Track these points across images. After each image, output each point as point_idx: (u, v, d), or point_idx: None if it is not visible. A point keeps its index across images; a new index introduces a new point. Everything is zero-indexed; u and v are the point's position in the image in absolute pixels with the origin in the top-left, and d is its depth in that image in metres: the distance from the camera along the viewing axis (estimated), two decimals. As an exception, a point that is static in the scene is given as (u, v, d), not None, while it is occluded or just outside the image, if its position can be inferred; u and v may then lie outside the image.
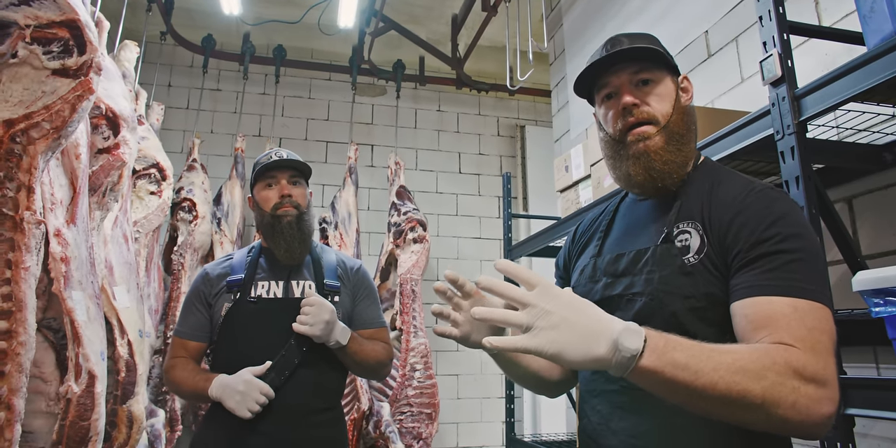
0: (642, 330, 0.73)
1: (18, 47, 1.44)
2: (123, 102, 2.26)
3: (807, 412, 0.73)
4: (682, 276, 0.92)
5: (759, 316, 0.82)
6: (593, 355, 0.72)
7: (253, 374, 1.55)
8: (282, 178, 1.75)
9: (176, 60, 4.10)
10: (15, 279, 1.41)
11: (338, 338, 1.60)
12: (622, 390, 0.95)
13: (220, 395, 1.55)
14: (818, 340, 0.78)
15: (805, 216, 0.95)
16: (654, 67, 1.03)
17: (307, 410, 1.63)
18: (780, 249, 0.85)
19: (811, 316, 0.81)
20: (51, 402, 1.68)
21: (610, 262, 1.04)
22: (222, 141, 4.01)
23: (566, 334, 0.72)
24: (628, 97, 1.02)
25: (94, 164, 2.13)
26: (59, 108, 1.50)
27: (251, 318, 1.66)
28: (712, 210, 0.95)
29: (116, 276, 2.47)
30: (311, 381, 1.64)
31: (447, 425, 3.88)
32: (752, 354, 0.75)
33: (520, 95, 4.45)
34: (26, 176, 1.47)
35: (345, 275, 1.80)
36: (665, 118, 1.01)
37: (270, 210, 1.73)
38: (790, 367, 0.74)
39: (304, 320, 1.57)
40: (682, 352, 0.73)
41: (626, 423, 0.95)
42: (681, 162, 1.02)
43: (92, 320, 1.81)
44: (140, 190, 2.85)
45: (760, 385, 0.72)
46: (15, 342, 1.39)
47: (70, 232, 1.75)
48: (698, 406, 0.75)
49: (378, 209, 4.16)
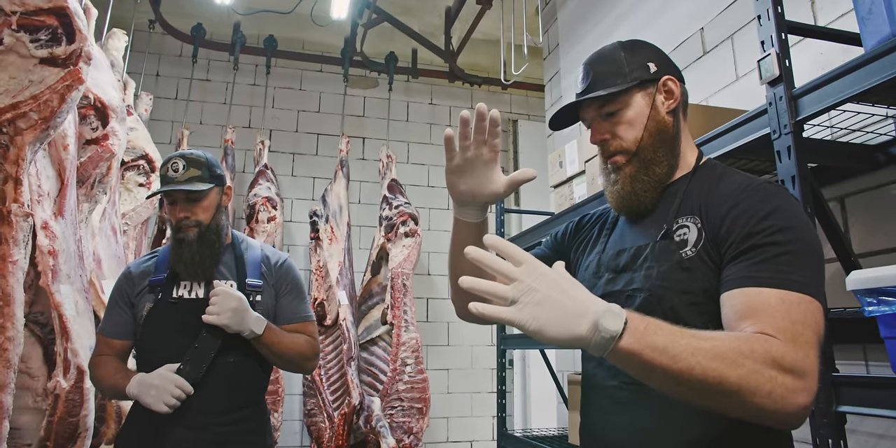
0: (623, 312, 0.74)
1: (4, 34, 1.41)
2: (112, 92, 2.23)
3: (782, 402, 0.74)
4: (679, 272, 0.93)
5: (746, 306, 0.83)
6: (574, 334, 0.73)
7: (171, 371, 1.55)
8: (178, 196, 1.68)
9: (165, 49, 4.04)
10: (2, 273, 1.39)
11: (251, 327, 1.59)
12: (623, 386, 0.96)
13: (138, 392, 1.54)
14: (801, 333, 0.79)
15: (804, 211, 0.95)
16: (618, 96, 1.05)
17: (228, 406, 1.63)
18: (772, 242, 0.86)
19: (797, 308, 0.81)
20: (38, 398, 1.67)
21: (612, 257, 1.06)
22: (212, 132, 3.97)
23: (549, 312, 0.73)
24: (595, 136, 1.08)
25: (83, 155, 2.10)
26: (48, 98, 1.47)
27: (172, 318, 1.65)
28: (710, 204, 0.96)
29: (105, 269, 2.44)
30: (230, 376, 1.64)
31: (438, 420, 3.88)
32: (732, 342, 0.76)
33: (512, 89, 4.44)
34: (13, 167, 1.45)
35: (268, 271, 1.79)
36: (635, 144, 1.04)
37: (174, 229, 1.69)
38: (769, 356, 0.75)
39: (211, 310, 1.57)
40: (662, 336, 0.74)
41: (626, 419, 0.96)
42: (659, 178, 1.05)
43: (80, 314, 1.79)
44: (128, 181, 2.81)
45: (737, 372, 0.73)
46: (2, 337, 1.37)
47: (58, 224, 1.72)
48: (676, 391, 0.76)
49: (369, 202, 4.15)
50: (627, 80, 1.04)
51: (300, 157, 4.18)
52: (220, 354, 1.61)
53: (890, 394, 1.03)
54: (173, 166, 1.67)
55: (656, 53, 1.10)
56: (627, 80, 1.04)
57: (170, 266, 1.69)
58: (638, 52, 1.08)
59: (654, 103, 1.05)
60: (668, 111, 1.06)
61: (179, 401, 1.52)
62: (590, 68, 1.09)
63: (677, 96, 1.07)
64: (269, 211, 3.50)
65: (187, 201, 1.67)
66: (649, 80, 1.06)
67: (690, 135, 1.12)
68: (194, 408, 1.56)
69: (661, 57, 1.09)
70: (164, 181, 1.67)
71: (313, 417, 3.30)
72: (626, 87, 1.04)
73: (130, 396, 1.57)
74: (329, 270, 3.47)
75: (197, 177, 1.67)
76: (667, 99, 1.06)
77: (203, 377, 1.58)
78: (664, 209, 1.03)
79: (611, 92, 1.03)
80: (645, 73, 1.05)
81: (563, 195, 2.33)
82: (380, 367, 3.44)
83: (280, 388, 3.24)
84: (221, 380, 1.61)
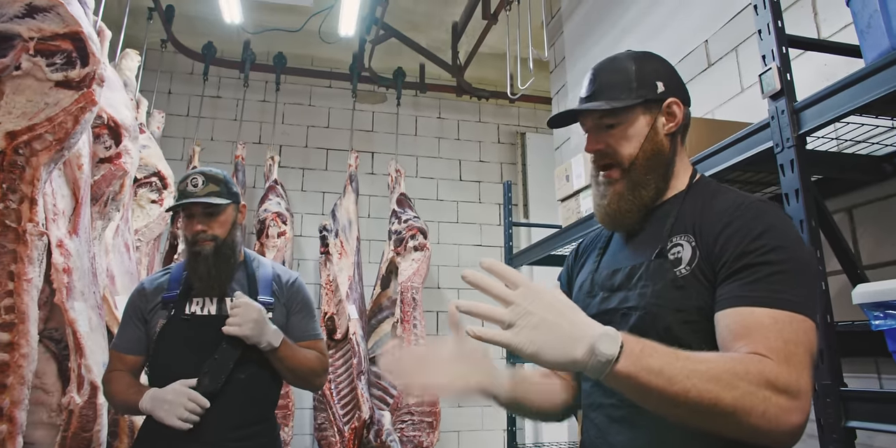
0: (619, 336, 0.75)
1: (22, 59, 1.45)
2: (125, 112, 2.27)
3: (776, 421, 0.75)
4: (674, 290, 0.94)
5: (739, 326, 0.84)
6: (570, 357, 0.74)
7: (185, 386, 1.56)
8: (196, 210, 1.72)
9: (176, 68, 4.11)
10: (17, 291, 1.42)
11: (269, 339, 1.62)
12: (620, 404, 0.96)
13: (151, 407, 1.55)
14: (794, 352, 0.80)
15: (797, 229, 0.96)
16: (620, 111, 1.05)
17: (241, 422, 1.64)
18: (765, 261, 0.87)
19: (790, 328, 0.82)
20: (52, 413, 1.69)
21: (606, 277, 1.06)
22: (222, 148, 4.02)
23: (545, 335, 0.74)
24: (591, 145, 1.08)
25: (96, 173, 2.14)
26: (62, 120, 1.50)
27: (185, 334, 1.67)
28: (704, 222, 0.97)
29: (118, 285, 2.47)
30: (244, 390, 1.65)
31: (448, 433, 3.87)
32: (726, 364, 0.77)
33: (520, 102, 4.46)
34: (29, 187, 1.48)
35: (279, 289, 1.81)
36: (628, 160, 1.04)
37: (189, 242, 1.73)
38: (763, 377, 0.76)
39: (232, 321, 1.59)
40: (658, 358, 0.75)
41: (622, 438, 0.96)
42: (644, 201, 1.05)
43: (94, 330, 1.81)
44: (141, 198, 2.86)
45: (732, 394, 0.74)
46: (17, 354, 1.39)
47: (72, 242, 1.75)
48: (672, 413, 0.77)
49: (379, 217, 4.17)
50: (633, 97, 1.04)
51: (310, 172, 4.21)
52: (236, 368, 1.62)
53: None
54: (192, 181, 1.71)
55: (666, 71, 1.09)
56: (633, 96, 1.04)
57: (182, 283, 1.72)
58: (648, 68, 1.08)
59: (654, 124, 1.05)
60: (667, 133, 1.06)
61: (194, 414, 1.53)
62: (597, 75, 1.09)
63: (679, 120, 1.06)
64: (280, 226, 3.53)
65: (205, 215, 1.71)
66: (654, 100, 1.05)
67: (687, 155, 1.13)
68: (208, 423, 1.57)
69: (670, 75, 1.09)
70: (182, 196, 1.70)
71: (324, 432, 3.30)
72: (630, 105, 1.04)
73: (143, 411, 1.59)
74: (339, 285, 3.48)
75: (215, 192, 1.72)
76: (668, 121, 1.06)
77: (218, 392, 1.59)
78: (658, 228, 1.03)
79: (614, 106, 1.04)
80: (651, 92, 1.05)
81: (570, 209, 2.34)
82: (390, 381, 3.44)
83: (290, 402, 3.25)
84: (236, 394, 1.63)
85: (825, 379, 1.13)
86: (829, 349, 1.13)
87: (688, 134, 1.12)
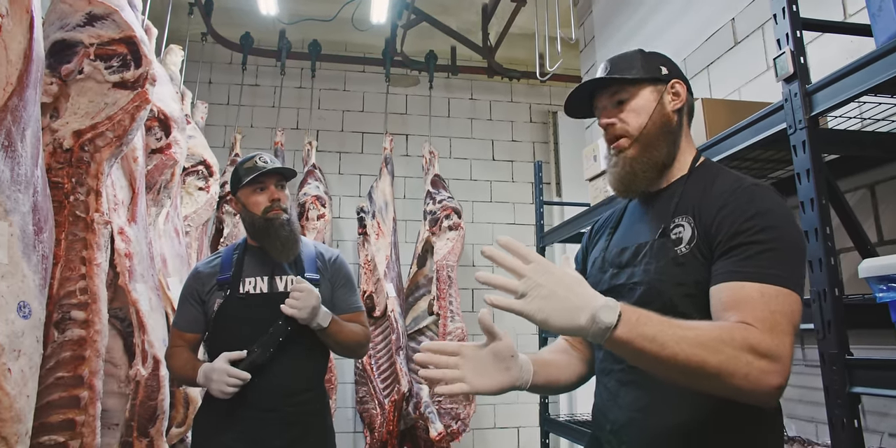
0: (618, 306, 0.85)
1: (84, 64, 1.59)
2: (173, 105, 2.41)
3: (757, 382, 0.84)
4: (674, 267, 1.03)
5: (730, 298, 0.93)
6: (575, 324, 0.84)
7: (229, 359, 1.71)
8: (270, 183, 1.87)
9: (216, 58, 4.25)
10: (89, 274, 1.57)
11: (320, 321, 1.76)
12: (628, 369, 1.06)
13: (204, 381, 1.72)
14: (777, 322, 0.88)
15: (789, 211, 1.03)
16: (631, 85, 1.15)
17: (294, 390, 1.80)
18: (756, 240, 0.95)
19: (776, 300, 0.90)
20: (122, 384, 1.86)
21: (616, 254, 1.16)
22: (262, 135, 4.17)
23: (553, 304, 0.84)
24: (603, 119, 1.18)
25: (148, 163, 2.29)
26: (121, 118, 1.64)
27: (240, 312, 1.82)
28: (703, 205, 1.05)
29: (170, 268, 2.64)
30: (294, 363, 1.81)
31: (484, 407, 4.01)
32: (713, 331, 0.86)
33: (551, 82, 4.47)
34: (94, 181, 1.63)
35: (323, 266, 1.95)
36: (638, 130, 1.14)
37: (261, 213, 1.86)
38: (746, 343, 0.85)
39: (293, 304, 1.72)
40: (652, 326, 0.84)
41: (629, 398, 1.06)
42: (657, 161, 1.14)
43: (154, 310, 1.98)
44: (189, 186, 3.02)
45: (717, 358, 0.83)
46: (92, 330, 1.55)
47: (132, 230, 1.91)
48: (664, 374, 0.87)
49: (414, 197, 4.28)
50: (641, 73, 1.15)
51: (346, 155, 4.34)
52: (288, 343, 1.77)
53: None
54: (261, 159, 1.88)
55: (669, 62, 1.21)
56: (641, 73, 1.15)
57: (234, 265, 1.86)
58: (654, 57, 1.20)
59: (661, 99, 1.15)
60: (674, 109, 1.16)
61: (237, 387, 1.68)
62: (609, 63, 1.21)
63: (683, 98, 1.17)
64: (319, 209, 3.67)
65: (278, 187, 1.88)
66: (660, 80, 1.16)
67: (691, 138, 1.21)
68: (264, 391, 1.73)
69: (673, 65, 1.20)
70: (254, 170, 1.85)
71: (365, 404, 3.47)
72: (639, 78, 1.15)
73: (199, 385, 1.75)
74: (377, 264, 3.62)
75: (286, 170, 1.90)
76: (673, 98, 1.16)
77: (272, 363, 1.74)
78: (663, 209, 1.12)
79: (624, 77, 1.14)
80: (657, 72, 1.16)
81: (598, 188, 2.40)
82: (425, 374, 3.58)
83: (333, 376, 3.41)
84: (288, 365, 1.79)
85: (832, 348, 1.19)
86: (837, 320, 1.20)
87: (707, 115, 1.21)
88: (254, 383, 1.70)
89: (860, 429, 1.16)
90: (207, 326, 1.86)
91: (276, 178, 1.89)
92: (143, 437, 1.82)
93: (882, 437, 1.59)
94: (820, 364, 1.22)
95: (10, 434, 1.11)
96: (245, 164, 1.88)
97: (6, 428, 1.10)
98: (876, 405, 1.67)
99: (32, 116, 1.30)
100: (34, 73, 1.28)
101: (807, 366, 1.91)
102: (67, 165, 1.62)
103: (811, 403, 1.89)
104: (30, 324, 1.22)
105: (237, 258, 1.90)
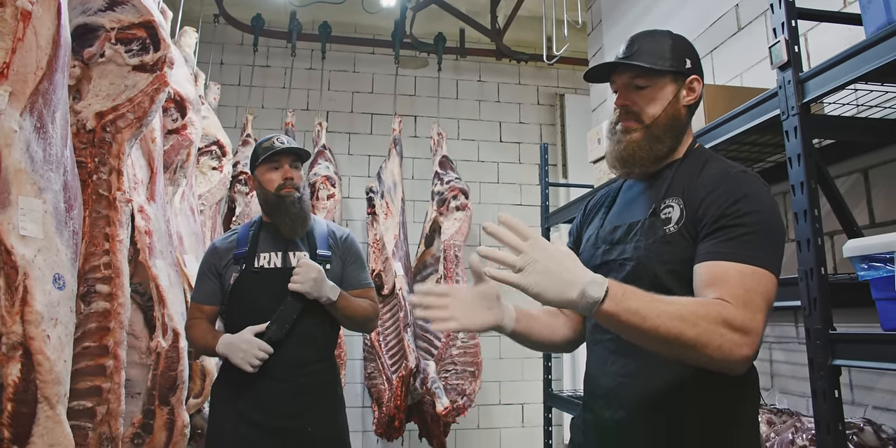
0: (606, 282, 0.92)
1: (105, 47, 1.65)
2: (188, 86, 2.48)
3: (729, 353, 0.93)
4: (662, 245, 1.10)
5: (711, 276, 1.01)
6: (565, 298, 0.91)
7: (254, 332, 1.81)
8: (284, 162, 1.97)
9: (228, 39, 4.30)
10: (112, 250, 1.66)
11: (328, 294, 1.85)
12: (615, 338, 1.14)
13: (226, 351, 1.82)
14: (752, 299, 0.96)
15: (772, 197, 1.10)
16: (653, 74, 1.19)
17: (305, 361, 1.91)
18: (738, 223, 1.03)
19: (752, 279, 0.98)
20: (143, 355, 1.96)
21: (609, 232, 1.23)
22: (273, 115, 4.23)
23: (547, 279, 0.91)
24: (620, 100, 1.22)
25: (165, 144, 2.36)
26: (140, 100, 1.71)
27: (255, 285, 1.92)
28: (692, 188, 1.12)
29: (186, 245, 2.73)
30: (306, 336, 1.90)
31: (490, 383, 4.11)
32: (691, 306, 0.94)
33: (559, 65, 4.50)
34: (116, 160, 1.70)
35: (335, 244, 2.05)
36: (650, 119, 1.19)
37: (274, 190, 1.95)
38: (721, 317, 0.93)
39: (295, 280, 1.83)
40: (636, 301, 0.92)
41: (616, 366, 1.15)
42: (659, 153, 1.19)
43: (172, 285, 2.07)
44: (203, 166, 3.09)
45: (694, 330, 0.91)
46: (116, 303, 1.64)
47: (151, 208, 1.99)
48: (646, 344, 0.95)
49: (422, 178, 4.34)
50: (667, 65, 1.19)
51: (356, 136, 4.39)
52: (299, 318, 1.87)
53: (879, 348, 1.16)
54: (278, 139, 1.98)
55: (694, 52, 1.24)
56: (667, 65, 1.19)
57: (249, 240, 1.95)
58: (682, 45, 1.23)
59: (678, 94, 1.20)
60: (686, 104, 1.21)
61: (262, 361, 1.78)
62: (635, 41, 1.23)
63: (697, 95, 1.22)
64: (329, 189, 3.74)
65: (293, 167, 1.97)
66: (682, 74, 1.20)
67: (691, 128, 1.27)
68: (278, 362, 1.83)
69: (696, 57, 1.24)
70: (270, 149, 1.93)
71: (373, 380, 3.57)
72: (664, 70, 1.18)
73: (219, 354, 1.85)
74: (385, 243, 3.69)
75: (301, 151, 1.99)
76: (688, 94, 1.21)
77: (286, 336, 1.83)
78: (655, 190, 1.19)
79: (652, 67, 1.18)
80: (681, 65, 1.20)
81: (602, 170, 2.46)
82: (434, 333, 3.67)
83: (342, 352, 3.50)
84: (301, 339, 1.88)
85: (817, 324, 1.26)
86: (822, 297, 1.26)
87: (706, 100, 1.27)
88: (272, 354, 1.80)
89: (840, 399, 1.23)
90: (224, 299, 1.95)
91: (291, 158, 1.97)
92: (165, 405, 1.92)
93: (866, 409, 1.67)
94: (805, 339, 1.29)
95: (51, 394, 1.20)
96: (263, 144, 1.97)
97: (47, 389, 1.20)
98: (863, 380, 1.74)
99: (61, 99, 1.37)
100: (62, 58, 1.35)
101: (800, 343, 1.98)
102: (90, 146, 1.70)
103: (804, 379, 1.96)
104: (64, 295, 1.31)
105: (253, 234, 1.98)
